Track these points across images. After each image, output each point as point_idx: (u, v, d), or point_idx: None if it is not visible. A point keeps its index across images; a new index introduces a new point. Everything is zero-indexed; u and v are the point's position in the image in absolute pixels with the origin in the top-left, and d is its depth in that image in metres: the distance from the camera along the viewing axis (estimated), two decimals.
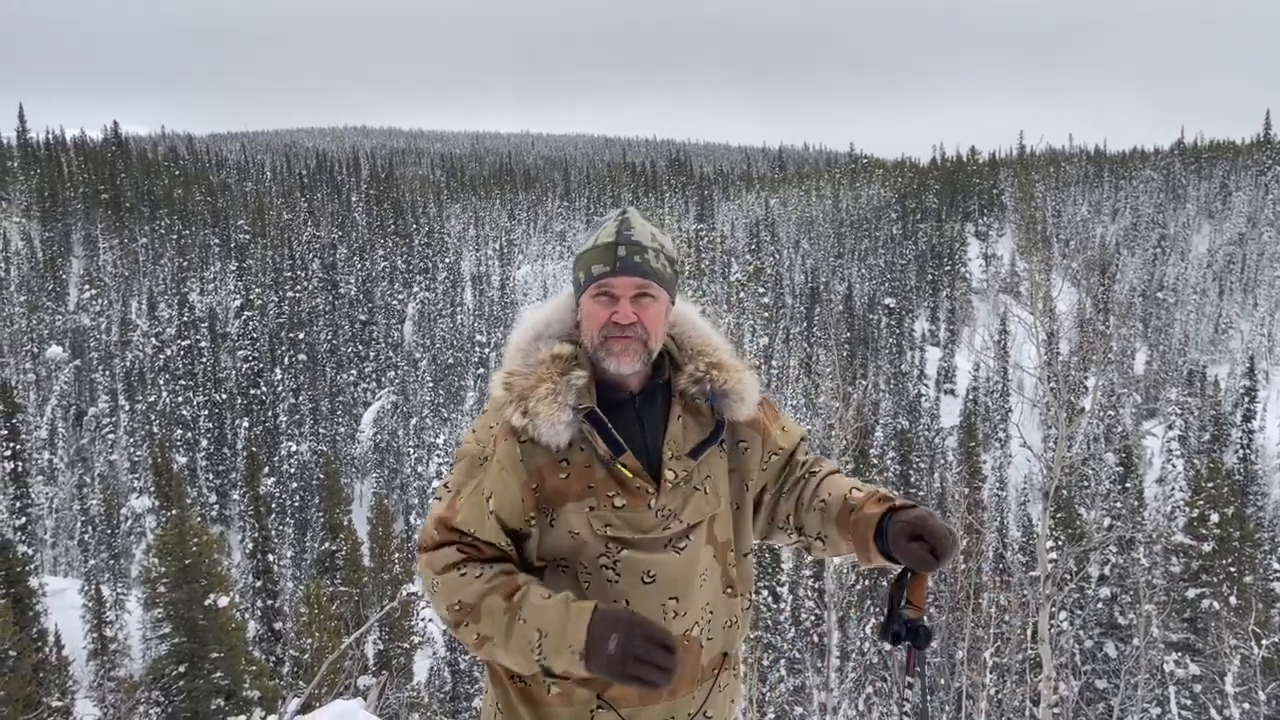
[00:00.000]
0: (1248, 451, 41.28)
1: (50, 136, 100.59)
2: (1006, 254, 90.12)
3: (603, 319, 1.80)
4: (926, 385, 69.74)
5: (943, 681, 28.90)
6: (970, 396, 61.13)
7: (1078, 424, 16.75)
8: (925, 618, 1.86)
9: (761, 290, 77.17)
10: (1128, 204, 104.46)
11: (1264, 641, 19.39)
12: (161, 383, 61.24)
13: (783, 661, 33.01)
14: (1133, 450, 36.04)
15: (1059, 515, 26.66)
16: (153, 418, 57.92)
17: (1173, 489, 38.57)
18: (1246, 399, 44.46)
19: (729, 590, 1.94)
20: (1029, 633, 26.58)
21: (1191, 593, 24.45)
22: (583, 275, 1.82)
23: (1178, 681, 22.37)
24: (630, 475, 1.80)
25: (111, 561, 46.04)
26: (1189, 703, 22.65)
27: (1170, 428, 46.57)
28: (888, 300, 76.57)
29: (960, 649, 27.20)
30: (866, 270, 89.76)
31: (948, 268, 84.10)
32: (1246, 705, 20.00)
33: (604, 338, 1.81)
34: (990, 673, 26.29)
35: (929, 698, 1.99)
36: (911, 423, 57.40)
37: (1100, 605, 26.26)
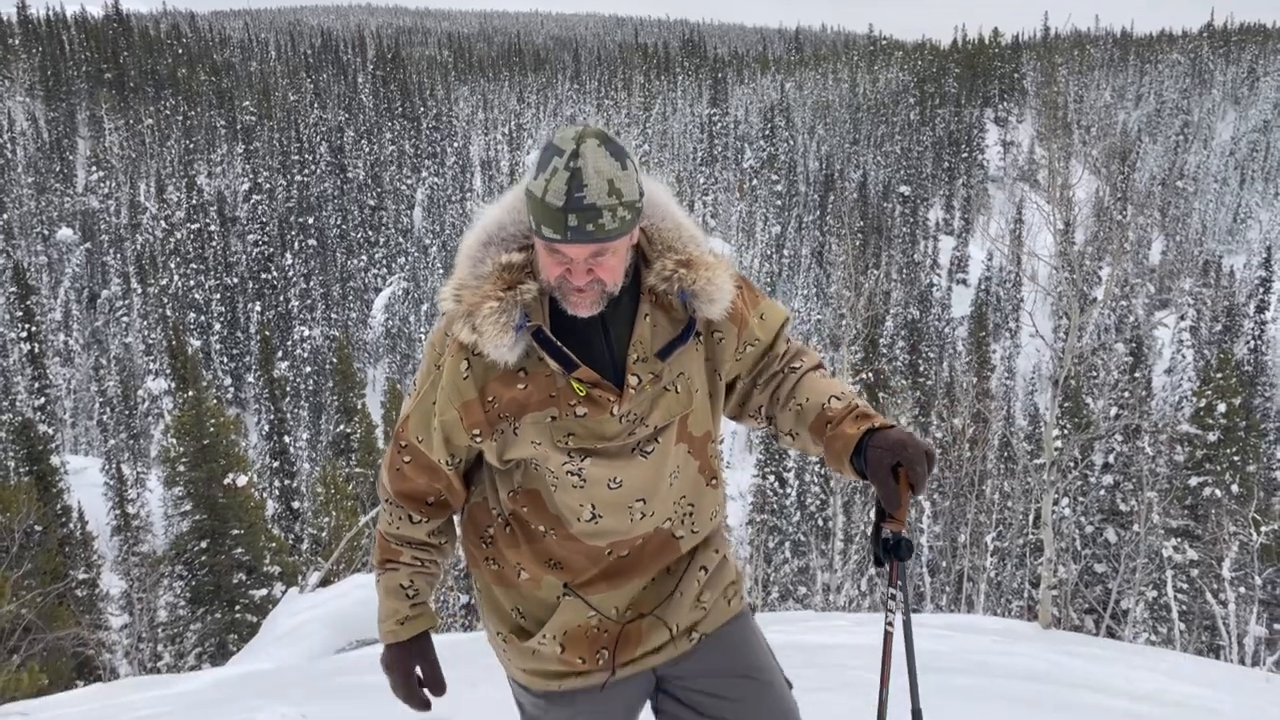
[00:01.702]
0: (1259, 342, 41.25)
1: (50, 13, 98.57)
2: (1026, 141, 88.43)
3: (556, 272, 1.67)
4: (939, 275, 69.42)
5: (944, 564, 29.63)
6: (982, 286, 60.86)
7: (1090, 314, 16.69)
8: (905, 531, 1.83)
9: (775, 178, 76.14)
10: (1152, 89, 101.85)
11: (1263, 529, 19.71)
12: (173, 266, 61.28)
13: (788, 544, 33.77)
14: (1143, 341, 36.06)
15: (1066, 405, 26.87)
16: (165, 301, 58.17)
17: (1181, 379, 38.73)
18: (1261, 290, 44.23)
19: (712, 482, 1.92)
20: (1030, 518, 27.12)
21: (1194, 481, 24.78)
22: (532, 219, 1.64)
23: (1175, 566, 22.84)
24: (585, 391, 1.72)
25: (131, 441, 46.89)
26: (1185, 586, 23.17)
27: (1182, 318, 46.45)
28: (903, 188, 75.60)
29: (963, 533, 27.81)
30: (882, 157, 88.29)
31: (965, 155, 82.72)
32: (1242, 589, 20.46)
33: (559, 285, 1.68)
34: (991, 556, 26.92)
35: (910, 608, 2.02)
36: (922, 313, 57.30)
37: (1103, 492, 26.65)
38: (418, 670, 1.96)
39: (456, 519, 2.02)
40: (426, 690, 1.98)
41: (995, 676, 5.60)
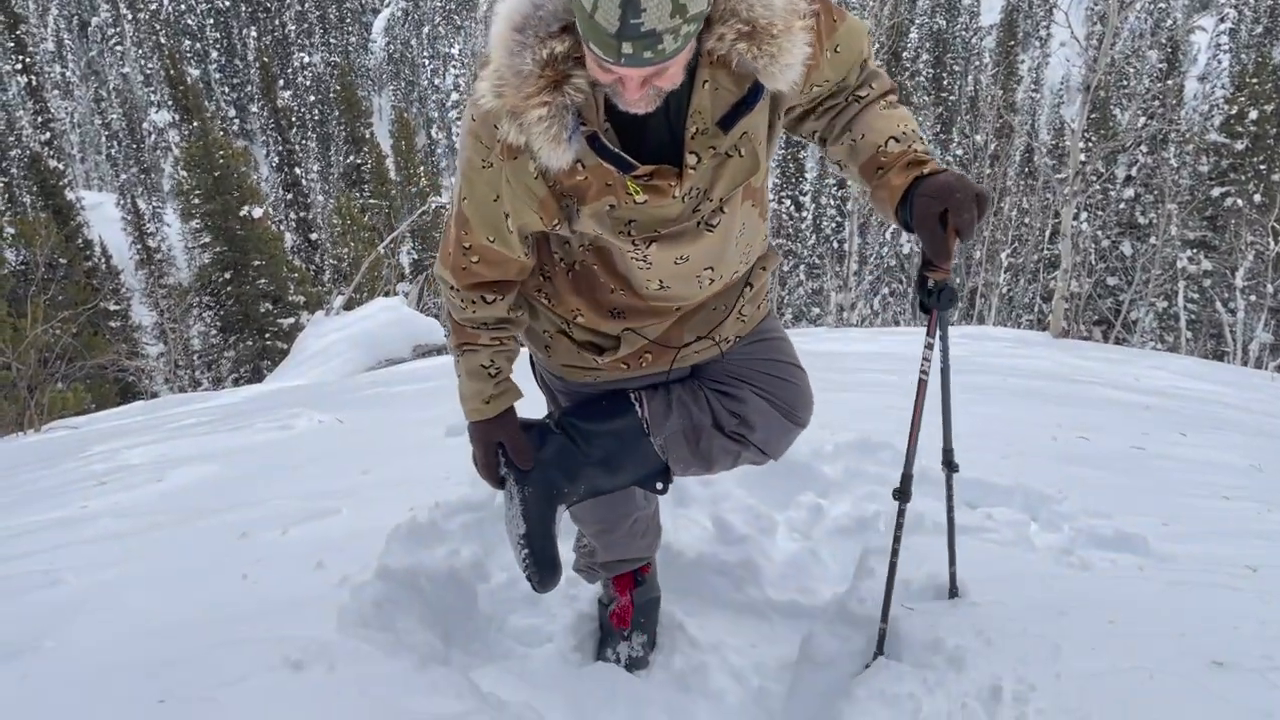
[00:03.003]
0: None
1: None
2: None
3: (606, 80, 1.48)
4: None
5: (957, 281, 29.94)
6: None
7: (1127, 14, 15.82)
8: (951, 279, 1.76)
9: None
10: None
11: None
12: None
13: (802, 267, 34.03)
14: (1179, 46, 34.42)
15: (1094, 115, 26.03)
16: (158, 28, 55.93)
17: (1215, 86, 37.34)
18: None
19: (763, 217, 1.84)
20: (1047, 234, 27.02)
21: (1216, 191, 24.41)
22: (579, 26, 1.42)
23: (1188, 277, 22.96)
24: (642, 189, 1.60)
25: (142, 176, 46.62)
26: (1196, 297, 23.41)
27: (1222, 20, 44.13)
28: None
29: (978, 250, 27.88)
30: None
31: None
32: (1253, 298, 20.68)
33: (609, 88, 1.50)
34: (1005, 272, 27.10)
35: (948, 355, 2.01)
36: (949, 21, 54.55)
37: (1122, 206, 26.38)
38: (501, 444, 1.93)
39: None
40: (513, 460, 1.95)
41: (1009, 375, 5.75)
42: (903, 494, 2.01)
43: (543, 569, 1.95)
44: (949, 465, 2.14)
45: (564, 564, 2.02)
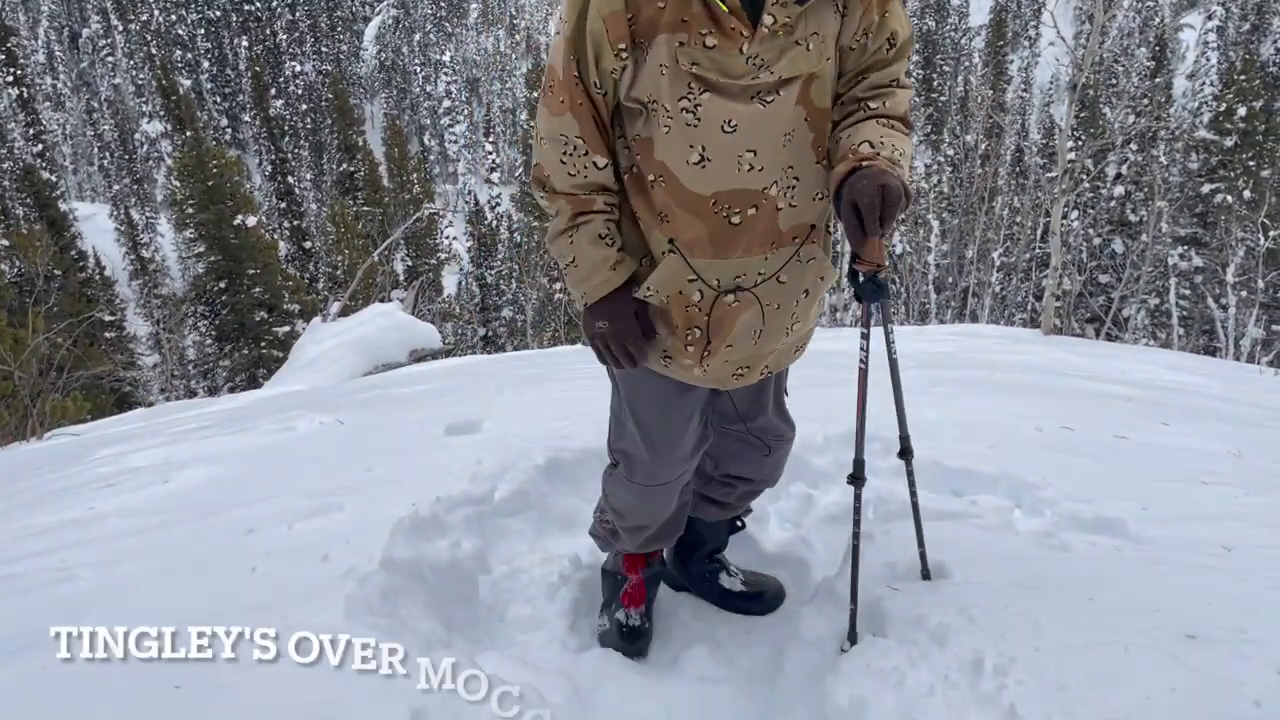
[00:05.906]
0: None
1: None
2: None
3: None
4: None
5: (950, 280, 30.03)
6: None
7: (1115, 12, 15.94)
8: (877, 271, 1.80)
9: None
10: None
11: (1271, 233, 19.74)
12: (152, 0, 58.45)
13: None
14: (1167, 44, 34.60)
15: (1083, 115, 26.16)
16: (149, 39, 55.96)
17: (1203, 84, 37.48)
18: None
19: (823, 162, 1.86)
20: (1039, 233, 27.11)
21: (1206, 188, 24.53)
22: None
23: (1180, 273, 23.06)
24: (726, 11, 1.67)
25: (135, 186, 46.62)
26: (1188, 293, 23.51)
27: (1209, 18, 44.34)
28: None
29: (970, 249, 27.98)
30: None
31: None
32: (1244, 293, 20.77)
33: None
34: (997, 271, 27.19)
35: (892, 344, 2.04)
36: (938, 23, 54.78)
37: (1113, 203, 26.50)
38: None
39: None
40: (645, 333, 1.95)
41: (996, 370, 5.83)
42: (856, 478, 2.09)
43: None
44: (905, 453, 2.20)
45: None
